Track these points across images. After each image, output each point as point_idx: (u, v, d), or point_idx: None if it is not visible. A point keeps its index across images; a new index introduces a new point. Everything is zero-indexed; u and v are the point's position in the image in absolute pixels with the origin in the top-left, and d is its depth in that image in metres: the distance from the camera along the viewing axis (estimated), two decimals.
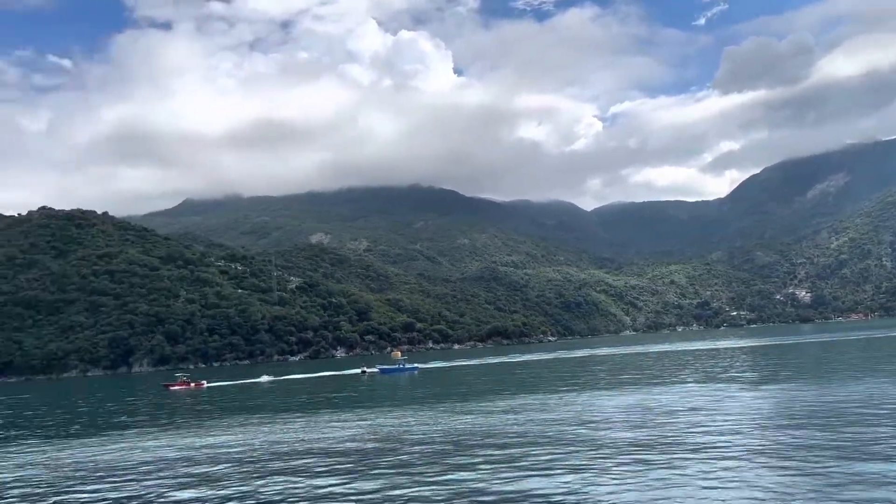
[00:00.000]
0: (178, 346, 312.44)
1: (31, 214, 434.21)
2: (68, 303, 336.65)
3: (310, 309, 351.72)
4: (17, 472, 36.07)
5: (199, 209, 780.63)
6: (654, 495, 23.19)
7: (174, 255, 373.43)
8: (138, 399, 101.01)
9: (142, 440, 45.61)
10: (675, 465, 27.02)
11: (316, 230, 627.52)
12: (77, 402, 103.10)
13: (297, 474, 30.13)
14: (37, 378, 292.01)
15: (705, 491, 23.11)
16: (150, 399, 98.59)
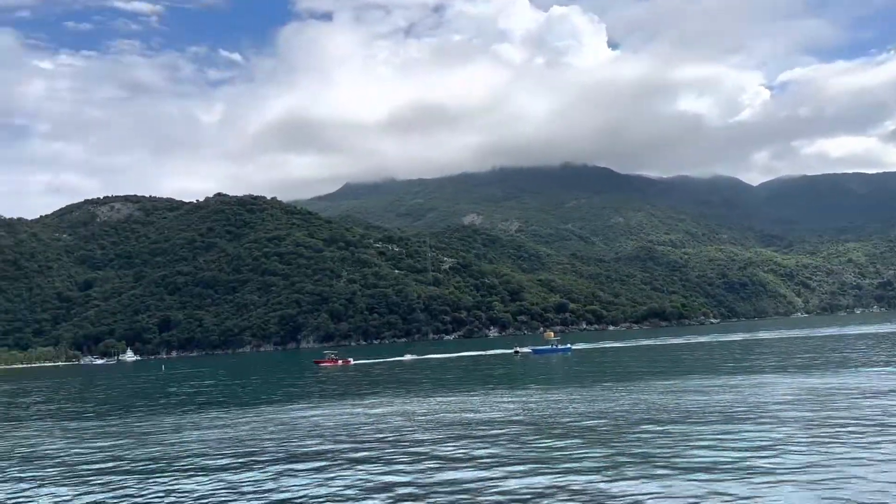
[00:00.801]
0: (341, 324, 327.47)
1: (209, 200, 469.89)
2: (242, 283, 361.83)
3: (463, 289, 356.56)
4: (227, 431, 38.52)
5: (359, 193, 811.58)
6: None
7: (336, 237, 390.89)
8: (298, 374, 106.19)
9: (304, 409, 47.54)
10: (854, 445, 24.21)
11: (468, 211, 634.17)
12: (245, 376, 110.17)
13: (454, 448, 29.86)
14: (215, 353, 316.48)
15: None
16: (305, 374, 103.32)
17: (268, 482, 25.88)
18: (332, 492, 23.80)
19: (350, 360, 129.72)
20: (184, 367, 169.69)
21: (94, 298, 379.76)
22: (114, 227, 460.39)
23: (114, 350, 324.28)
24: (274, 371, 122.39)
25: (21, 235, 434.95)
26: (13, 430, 50.06)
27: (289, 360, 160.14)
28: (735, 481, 22.13)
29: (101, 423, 49.80)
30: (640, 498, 20.91)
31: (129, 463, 31.71)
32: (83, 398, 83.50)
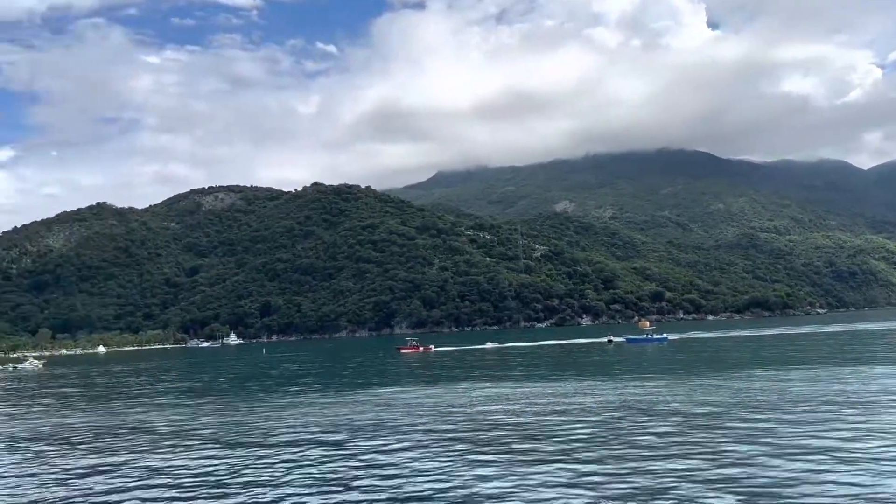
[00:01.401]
0: (433, 311, 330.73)
1: (306, 190, 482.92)
2: (338, 269, 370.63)
3: (555, 277, 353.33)
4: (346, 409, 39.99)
5: (450, 181, 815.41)
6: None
7: (428, 225, 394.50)
8: (388, 359, 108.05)
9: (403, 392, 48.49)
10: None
11: (560, 198, 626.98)
12: (339, 360, 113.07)
13: (548, 438, 29.78)
14: (312, 337, 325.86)
15: None
16: (391, 360, 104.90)
17: (371, 454, 26.53)
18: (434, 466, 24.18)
19: (431, 347, 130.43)
20: (283, 351, 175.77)
21: (200, 284, 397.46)
22: (218, 215, 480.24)
23: (218, 333, 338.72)
24: (365, 355, 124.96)
25: (132, 224, 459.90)
26: (148, 406, 53.09)
27: (380, 346, 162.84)
28: (845, 468, 21.23)
29: (227, 400, 52.19)
30: (763, 482, 20.35)
31: (266, 436, 33.14)
32: (204, 378, 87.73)
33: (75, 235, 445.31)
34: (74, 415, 48.81)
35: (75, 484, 25.84)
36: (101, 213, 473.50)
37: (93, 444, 34.39)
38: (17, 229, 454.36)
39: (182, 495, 22.96)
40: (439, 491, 22.03)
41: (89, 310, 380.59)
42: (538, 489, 21.73)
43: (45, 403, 61.28)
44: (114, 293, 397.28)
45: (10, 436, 39.47)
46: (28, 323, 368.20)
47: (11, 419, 49.07)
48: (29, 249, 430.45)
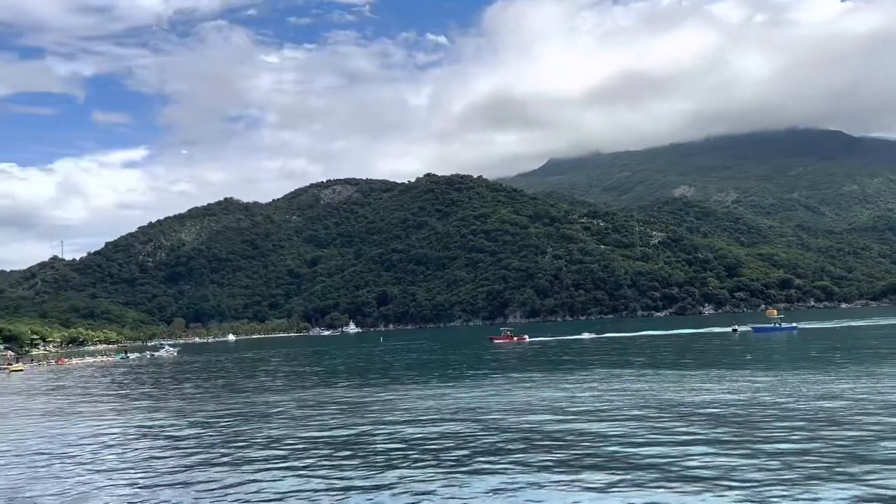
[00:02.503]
0: (547, 300, 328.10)
1: (419, 181, 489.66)
2: (451, 259, 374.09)
3: (674, 264, 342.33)
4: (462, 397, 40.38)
5: (563, 168, 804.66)
6: None
7: (541, 214, 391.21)
8: (483, 349, 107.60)
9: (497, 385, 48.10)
10: None
11: (679, 183, 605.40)
12: (455, 348, 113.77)
13: (670, 432, 28.51)
14: (428, 326, 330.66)
15: None
16: (483, 350, 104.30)
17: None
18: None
19: (525, 337, 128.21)
20: (399, 339, 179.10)
21: (320, 275, 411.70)
22: (335, 208, 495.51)
23: (338, 322, 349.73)
24: (473, 344, 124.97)
25: (257, 218, 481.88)
26: (292, 389, 55.23)
27: (490, 335, 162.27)
28: None
29: (346, 385, 53.51)
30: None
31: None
32: (333, 364, 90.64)
33: (205, 229, 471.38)
34: (229, 399, 51.19)
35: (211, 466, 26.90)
36: (228, 207, 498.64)
37: (242, 428, 35.81)
38: (152, 224, 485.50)
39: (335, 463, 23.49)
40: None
41: (219, 300, 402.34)
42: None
43: (191, 387, 64.83)
44: (241, 284, 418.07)
45: (160, 419, 41.74)
46: (164, 312, 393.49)
47: (156, 403, 52.05)
48: (163, 243, 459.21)
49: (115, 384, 76.50)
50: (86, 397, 60.97)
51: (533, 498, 20.15)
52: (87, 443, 34.15)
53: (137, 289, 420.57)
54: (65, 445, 34.07)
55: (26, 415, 48.95)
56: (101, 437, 35.98)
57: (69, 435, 37.61)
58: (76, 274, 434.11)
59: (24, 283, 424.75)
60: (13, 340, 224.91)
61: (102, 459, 29.49)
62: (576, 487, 20.89)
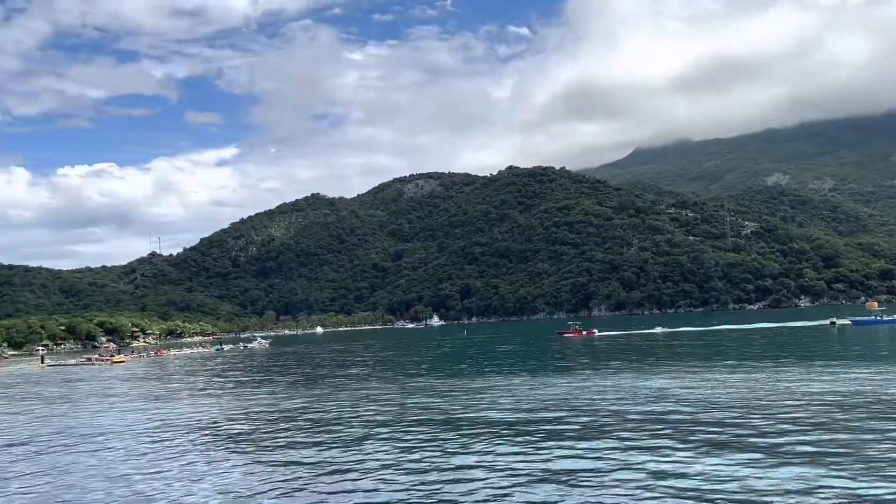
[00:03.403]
0: (633, 293, 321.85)
1: (501, 174, 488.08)
2: (534, 252, 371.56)
3: (767, 255, 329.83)
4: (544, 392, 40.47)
5: (649, 157, 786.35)
6: None
7: (626, 205, 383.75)
8: (549, 344, 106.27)
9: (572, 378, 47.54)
10: None
11: (772, 171, 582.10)
12: (517, 342, 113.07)
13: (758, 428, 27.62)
14: (511, 319, 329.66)
15: None
16: (563, 343, 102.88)
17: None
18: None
19: (594, 331, 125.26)
20: (483, 332, 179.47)
21: (404, 268, 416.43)
22: (419, 202, 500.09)
23: (422, 315, 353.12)
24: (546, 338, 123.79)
25: (343, 213, 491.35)
26: (384, 379, 56.46)
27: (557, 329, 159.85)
28: None
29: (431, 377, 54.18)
30: None
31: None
32: (420, 356, 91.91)
33: (293, 225, 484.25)
34: (325, 387, 52.63)
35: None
36: (315, 203, 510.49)
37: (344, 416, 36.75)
38: (244, 220, 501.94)
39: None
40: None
41: (307, 293, 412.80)
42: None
43: (285, 375, 66.94)
44: (328, 277, 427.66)
45: (255, 407, 43.22)
46: (255, 305, 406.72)
47: (237, 390, 53.96)
48: (254, 239, 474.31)
49: (213, 373, 79.66)
50: (186, 384, 63.76)
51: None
52: (191, 424, 35.79)
53: (230, 282, 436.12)
54: (168, 426, 35.92)
55: (133, 400, 51.62)
56: (203, 418, 37.68)
57: (173, 417, 39.69)
58: (173, 269, 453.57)
59: (125, 278, 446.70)
60: (115, 333, 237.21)
61: (204, 439, 30.90)
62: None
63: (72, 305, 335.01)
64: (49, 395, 63.08)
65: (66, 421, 42.47)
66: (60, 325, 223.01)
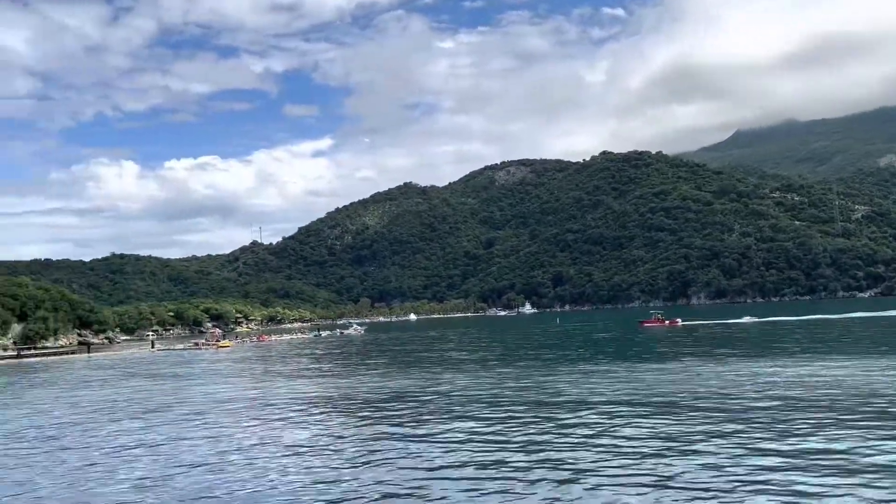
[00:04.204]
0: (734, 280, 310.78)
1: (594, 159, 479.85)
2: (629, 239, 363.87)
3: (879, 240, 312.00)
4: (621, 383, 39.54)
5: (751, 139, 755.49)
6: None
7: (726, 189, 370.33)
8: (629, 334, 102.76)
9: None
10: None
11: (885, 151, 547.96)
12: (616, 330, 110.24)
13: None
14: (605, 307, 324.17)
15: None
16: (656, 333, 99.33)
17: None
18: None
19: (678, 320, 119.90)
20: (576, 320, 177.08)
21: (496, 256, 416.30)
22: (510, 189, 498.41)
23: (514, 303, 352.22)
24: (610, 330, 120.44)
25: (434, 201, 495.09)
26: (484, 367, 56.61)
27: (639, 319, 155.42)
28: None
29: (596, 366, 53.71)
30: None
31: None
32: (518, 342, 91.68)
33: (387, 214, 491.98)
34: (422, 372, 53.10)
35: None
36: (407, 192, 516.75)
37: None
38: (339, 210, 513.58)
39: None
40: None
41: (401, 281, 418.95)
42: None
43: (384, 360, 67.96)
44: (420, 265, 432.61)
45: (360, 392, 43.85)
46: (350, 293, 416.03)
47: (345, 377, 54.87)
48: (349, 227, 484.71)
49: (316, 357, 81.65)
50: (291, 367, 65.56)
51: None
52: (294, 404, 36.61)
53: (327, 270, 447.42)
54: (279, 401, 37.13)
55: (242, 380, 53.40)
56: (306, 399, 38.47)
57: (284, 392, 41.34)
58: (273, 257, 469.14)
59: (229, 266, 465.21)
60: (220, 319, 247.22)
61: (309, 417, 31.49)
62: None
63: (179, 293, 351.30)
64: (165, 373, 66.49)
65: (183, 394, 47.36)
66: (169, 311, 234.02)
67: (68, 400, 47.15)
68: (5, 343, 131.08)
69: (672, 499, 17.41)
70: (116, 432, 31.74)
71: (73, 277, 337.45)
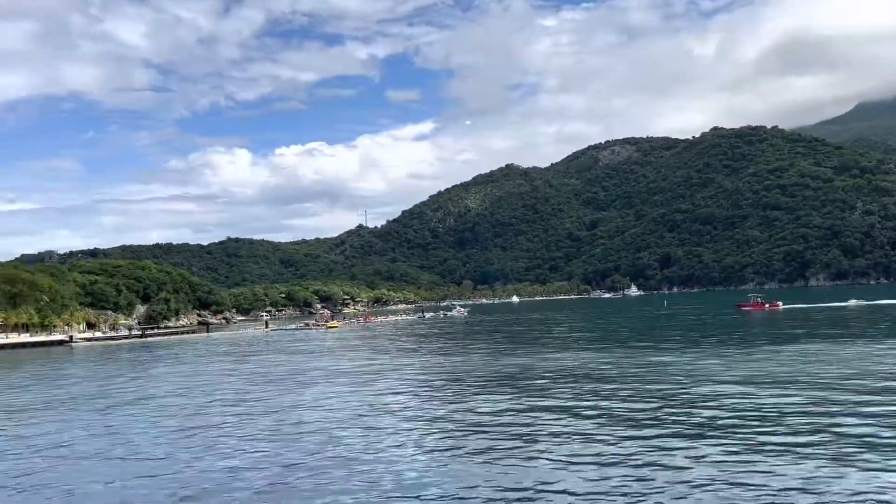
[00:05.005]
0: (856, 261, 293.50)
1: (704, 136, 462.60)
2: (742, 218, 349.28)
3: None
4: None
5: (875, 112, 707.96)
6: None
7: (848, 165, 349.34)
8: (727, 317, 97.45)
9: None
10: None
11: None
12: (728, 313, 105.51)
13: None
14: (715, 289, 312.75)
15: None
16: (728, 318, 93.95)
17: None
18: None
19: (779, 304, 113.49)
20: (686, 303, 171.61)
21: (600, 237, 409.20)
22: (614, 169, 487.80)
23: (619, 285, 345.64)
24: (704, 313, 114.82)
25: (536, 182, 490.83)
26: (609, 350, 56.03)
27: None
28: None
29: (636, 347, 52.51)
30: None
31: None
32: (635, 326, 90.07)
33: (488, 196, 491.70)
34: (531, 354, 52.96)
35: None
36: (509, 174, 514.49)
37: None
38: (441, 193, 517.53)
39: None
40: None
41: (503, 263, 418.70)
42: None
43: (489, 341, 68.15)
44: (522, 247, 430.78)
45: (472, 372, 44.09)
46: (453, 275, 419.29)
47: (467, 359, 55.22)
48: (451, 210, 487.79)
49: (421, 338, 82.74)
50: (399, 346, 66.71)
51: None
52: (406, 378, 37.11)
53: (430, 253, 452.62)
54: (385, 378, 37.67)
55: (355, 357, 54.72)
56: (417, 374, 38.97)
57: (389, 371, 41.90)
58: (378, 240, 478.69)
59: (336, 249, 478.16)
60: (328, 300, 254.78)
61: (420, 389, 31.82)
62: None
63: (290, 275, 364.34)
64: (284, 349, 69.69)
65: (301, 368, 51.71)
66: (281, 292, 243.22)
67: (215, 372, 52.45)
68: (130, 323, 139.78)
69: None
70: (252, 398, 35.40)
71: (192, 261, 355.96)
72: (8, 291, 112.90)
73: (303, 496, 17.39)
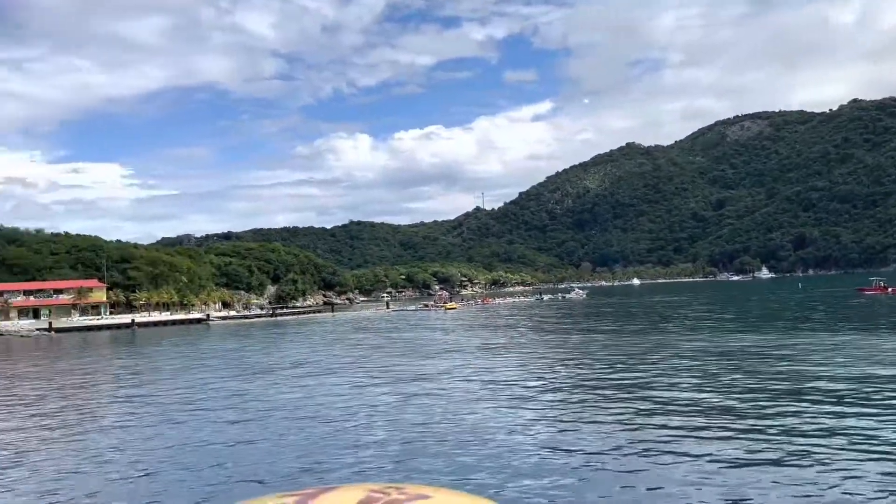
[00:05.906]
0: None
1: (842, 108, 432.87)
2: (885, 195, 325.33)
3: None
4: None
5: None
6: None
7: None
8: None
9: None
10: None
11: None
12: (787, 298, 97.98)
13: None
14: (855, 271, 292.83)
15: None
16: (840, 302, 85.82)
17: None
18: None
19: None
20: (823, 286, 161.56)
21: (727, 217, 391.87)
22: (743, 145, 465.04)
23: (748, 267, 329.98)
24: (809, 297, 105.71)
25: (659, 161, 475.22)
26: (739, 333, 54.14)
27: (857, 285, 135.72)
28: None
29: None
30: None
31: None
32: (771, 311, 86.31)
33: (608, 176, 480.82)
34: (657, 340, 51.72)
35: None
36: (630, 153, 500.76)
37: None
38: (559, 174, 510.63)
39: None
40: None
41: (623, 245, 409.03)
42: None
43: (611, 325, 66.88)
44: (644, 228, 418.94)
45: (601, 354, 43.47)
46: (571, 257, 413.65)
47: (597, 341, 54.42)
48: (569, 191, 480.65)
49: (541, 320, 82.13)
50: (519, 328, 66.53)
51: None
52: (525, 358, 36.87)
53: (548, 235, 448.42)
54: (503, 356, 37.55)
55: (475, 336, 55.13)
56: (536, 353, 38.63)
57: (508, 350, 41.78)
58: (495, 222, 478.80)
59: (453, 232, 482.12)
60: (446, 282, 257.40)
61: (537, 370, 31.51)
62: None
63: (409, 257, 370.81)
64: (405, 327, 71.22)
65: (421, 343, 55.75)
66: (401, 274, 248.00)
67: (344, 346, 58.13)
68: (262, 302, 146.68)
69: None
70: (399, 370, 38.17)
71: (316, 243, 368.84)
72: (150, 273, 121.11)
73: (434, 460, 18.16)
